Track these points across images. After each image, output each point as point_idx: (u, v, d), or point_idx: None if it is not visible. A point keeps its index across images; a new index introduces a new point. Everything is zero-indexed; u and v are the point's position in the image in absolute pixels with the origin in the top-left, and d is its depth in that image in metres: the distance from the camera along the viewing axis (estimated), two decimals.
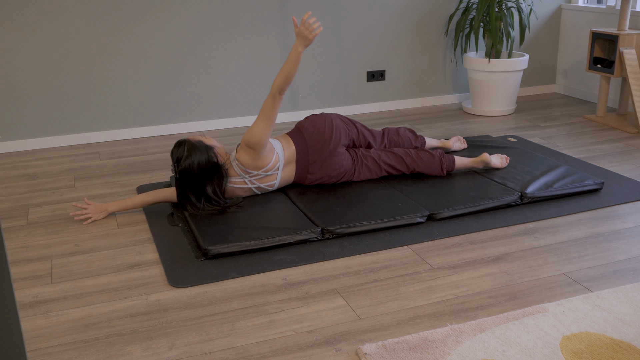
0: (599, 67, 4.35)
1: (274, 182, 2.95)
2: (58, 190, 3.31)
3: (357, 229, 2.67)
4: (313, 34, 2.74)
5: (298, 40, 2.75)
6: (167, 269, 2.42)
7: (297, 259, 2.48)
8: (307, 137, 3.00)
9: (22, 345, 1.08)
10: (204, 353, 1.92)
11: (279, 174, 2.94)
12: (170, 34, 4.14)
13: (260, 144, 2.79)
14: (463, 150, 3.58)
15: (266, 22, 4.32)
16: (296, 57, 2.73)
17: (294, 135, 3.03)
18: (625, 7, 4.19)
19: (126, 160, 3.79)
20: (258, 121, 2.80)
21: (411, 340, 1.92)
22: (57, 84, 4.01)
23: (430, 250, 2.54)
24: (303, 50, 2.75)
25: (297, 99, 4.55)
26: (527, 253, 2.49)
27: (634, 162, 3.48)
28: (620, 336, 1.92)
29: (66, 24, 3.92)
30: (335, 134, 3.01)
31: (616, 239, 2.59)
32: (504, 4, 4.50)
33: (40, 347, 1.97)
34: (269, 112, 2.79)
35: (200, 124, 4.36)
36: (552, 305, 2.08)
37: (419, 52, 4.78)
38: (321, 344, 1.95)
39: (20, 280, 2.38)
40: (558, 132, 4.11)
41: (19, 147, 4.03)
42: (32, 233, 2.81)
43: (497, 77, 4.46)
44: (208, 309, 2.16)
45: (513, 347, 1.88)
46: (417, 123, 4.41)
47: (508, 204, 2.89)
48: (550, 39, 5.12)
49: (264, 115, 2.79)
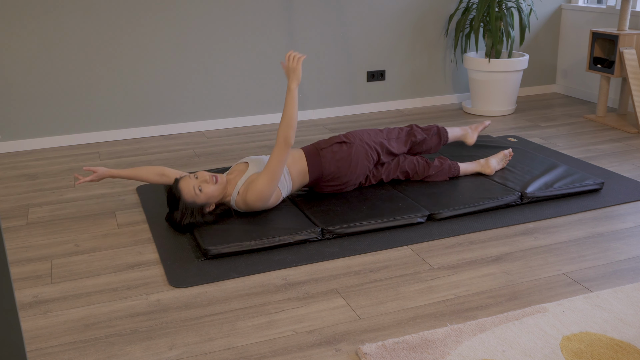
0: (599, 67, 4.35)
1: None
2: (58, 190, 3.31)
3: (357, 229, 2.66)
4: (298, 62, 2.67)
5: (289, 78, 2.69)
6: (167, 269, 2.42)
7: (297, 259, 2.48)
8: (323, 166, 2.86)
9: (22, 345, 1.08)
10: (204, 353, 1.92)
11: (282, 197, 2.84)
12: (171, 34, 4.14)
13: (260, 202, 2.69)
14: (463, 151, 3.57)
15: (267, 22, 4.32)
16: (292, 97, 2.65)
17: (310, 156, 2.87)
18: (625, 7, 4.19)
19: (126, 160, 3.79)
20: (262, 176, 2.65)
21: (411, 340, 1.92)
22: (57, 84, 4.01)
23: (430, 250, 2.54)
24: (296, 88, 2.67)
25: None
26: (527, 253, 2.49)
27: (634, 162, 3.48)
28: (620, 336, 1.92)
29: (66, 23, 3.92)
30: (353, 176, 2.90)
31: (616, 239, 2.59)
32: (504, 4, 4.50)
33: (40, 347, 1.97)
34: (275, 167, 2.63)
35: (200, 124, 4.36)
36: (552, 305, 2.08)
37: (419, 52, 4.78)
38: (321, 344, 1.95)
39: (20, 280, 2.38)
40: (558, 132, 4.11)
41: (19, 147, 4.03)
42: (32, 233, 2.81)
43: (497, 77, 4.46)
44: (208, 309, 2.16)
45: (513, 347, 1.88)
46: (417, 123, 4.41)
47: (508, 204, 2.89)
48: (550, 39, 5.12)
49: (270, 170, 2.64)
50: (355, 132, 3.00)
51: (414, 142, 3.13)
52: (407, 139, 3.12)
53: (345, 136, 2.95)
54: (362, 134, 2.98)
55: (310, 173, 2.87)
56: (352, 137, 2.94)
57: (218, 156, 3.79)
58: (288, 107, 2.66)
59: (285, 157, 2.65)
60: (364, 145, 2.93)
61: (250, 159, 2.86)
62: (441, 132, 3.22)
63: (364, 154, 2.92)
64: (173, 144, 4.07)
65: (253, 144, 4.03)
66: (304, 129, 4.33)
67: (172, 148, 3.99)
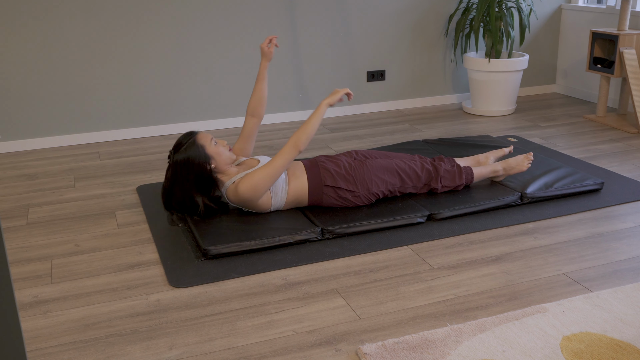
0: (599, 67, 4.35)
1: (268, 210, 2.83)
2: (58, 190, 3.31)
3: (357, 229, 2.66)
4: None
5: (327, 98, 2.75)
6: (167, 269, 2.42)
7: (297, 259, 2.48)
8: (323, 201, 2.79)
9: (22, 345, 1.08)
10: (204, 353, 1.92)
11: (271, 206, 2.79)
12: (171, 34, 4.14)
13: (251, 193, 2.64)
14: (462, 150, 3.57)
15: (267, 22, 4.32)
16: (320, 112, 2.71)
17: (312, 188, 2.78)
18: (625, 7, 4.19)
19: (126, 160, 3.79)
20: (262, 169, 2.63)
21: (411, 340, 1.92)
22: (57, 84, 4.01)
23: (430, 250, 2.54)
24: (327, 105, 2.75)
25: (297, 99, 4.55)
26: (527, 253, 2.49)
27: (634, 162, 3.48)
28: (620, 336, 1.92)
29: (66, 23, 3.92)
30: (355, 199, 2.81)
31: (616, 239, 2.59)
32: (504, 4, 4.50)
33: (40, 347, 1.97)
34: (277, 164, 2.62)
35: (200, 124, 4.36)
36: (552, 305, 2.08)
37: (419, 52, 4.78)
38: (321, 344, 1.95)
39: (20, 280, 2.38)
40: (558, 132, 4.11)
41: (19, 147, 4.03)
42: (32, 233, 2.80)
43: (497, 77, 4.46)
44: (208, 309, 2.16)
45: (513, 347, 1.88)
46: (417, 123, 4.41)
47: (508, 204, 2.89)
48: (550, 39, 5.12)
49: (271, 166, 2.62)
50: (368, 168, 2.82)
51: (433, 189, 2.96)
52: (427, 187, 2.95)
53: (354, 177, 2.79)
54: (373, 174, 2.81)
55: (310, 202, 2.81)
56: (359, 180, 2.79)
57: None
58: (314, 118, 2.70)
59: (290, 158, 2.65)
60: (369, 197, 2.82)
61: (262, 157, 2.86)
62: (469, 180, 3.01)
63: (366, 200, 2.83)
64: (173, 144, 4.06)
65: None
66: None
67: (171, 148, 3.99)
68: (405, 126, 4.34)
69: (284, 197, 2.76)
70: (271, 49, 2.96)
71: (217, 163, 2.70)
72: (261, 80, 2.97)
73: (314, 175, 2.78)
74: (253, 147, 3.03)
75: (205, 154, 2.69)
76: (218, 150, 2.71)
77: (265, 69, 2.98)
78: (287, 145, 2.65)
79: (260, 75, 2.98)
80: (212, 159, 2.69)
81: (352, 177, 2.79)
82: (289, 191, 2.76)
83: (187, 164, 2.67)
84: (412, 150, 3.58)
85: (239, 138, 3.00)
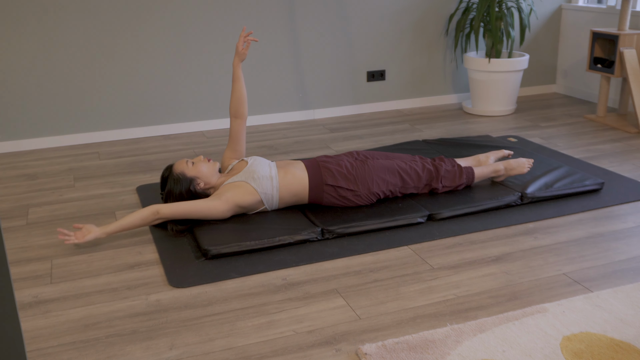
0: (599, 67, 4.35)
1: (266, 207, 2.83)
2: (58, 190, 3.31)
3: (357, 229, 2.66)
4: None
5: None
6: (167, 269, 2.42)
7: (297, 259, 2.48)
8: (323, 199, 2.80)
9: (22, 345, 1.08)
10: (204, 353, 1.92)
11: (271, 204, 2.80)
12: (170, 34, 4.14)
13: (206, 214, 2.68)
14: (462, 150, 3.57)
15: (267, 22, 4.32)
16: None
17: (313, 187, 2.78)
18: (625, 7, 4.19)
19: (126, 160, 3.79)
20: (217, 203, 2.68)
21: (411, 340, 1.92)
22: (57, 84, 4.01)
23: (430, 250, 2.54)
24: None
25: (297, 99, 4.55)
26: (527, 253, 2.49)
27: (634, 162, 3.48)
28: (620, 336, 1.92)
29: (66, 23, 3.92)
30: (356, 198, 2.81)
31: (616, 239, 2.59)
32: (504, 4, 4.50)
33: (40, 347, 1.97)
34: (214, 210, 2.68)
35: (200, 124, 4.36)
36: (552, 305, 2.08)
37: (419, 52, 4.78)
38: (321, 344, 1.95)
39: (20, 280, 2.38)
40: (558, 132, 4.11)
41: (19, 147, 4.03)
42: (32, 233, 2.80)
43: (497, 77, 4.46)
44: (208, 309, 2.16)
45: (513, 347, 1.88)
46: (417, 123, 4.41)
47: (508, 204, 2.89)
48: (551, 38, 5.12)
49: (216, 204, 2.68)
50: (369, 168, 2.82)
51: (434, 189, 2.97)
52: (428, 188, 2.96)
53: (355, 176, 2.79)
54: (374, 174, 2.81)
55: (310, 200, 2.82)
56: (360, 180, 2.78)
57: (218, 156, 3.79)
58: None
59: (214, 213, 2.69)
60: (370, 197, 2.82)
61: (252, 158, 2.86)
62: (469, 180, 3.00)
63: (367, 200, 2.83)
64: (173, 144, 4.07)
65: (253, 143, 4.03)
66: (304, 129, 4.33)
67: (171, 148, 3.99)
68: (405, 126, 4.34)
69: (276, 195, 2.76)
70: (245, 50, 2.95)
71: (202, 179, 2.77)
72: (237, 80, 2.96)
73: (315, 173, 2.78)
74: (244, 147, 3.03)
75: (187, 178, 2.75)
76: (197, 168, 2.77)
77: (239, 68, 2.96)
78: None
79: (235, 75, 2.96)
80: (197, 178, 2.76)
81: (354, 177, 2.79)
82: (282, 187, 2.75)
83: (177, 194, 2.76)
84: (412, 151, 3.58)
85: (229, 142, 3.00)
